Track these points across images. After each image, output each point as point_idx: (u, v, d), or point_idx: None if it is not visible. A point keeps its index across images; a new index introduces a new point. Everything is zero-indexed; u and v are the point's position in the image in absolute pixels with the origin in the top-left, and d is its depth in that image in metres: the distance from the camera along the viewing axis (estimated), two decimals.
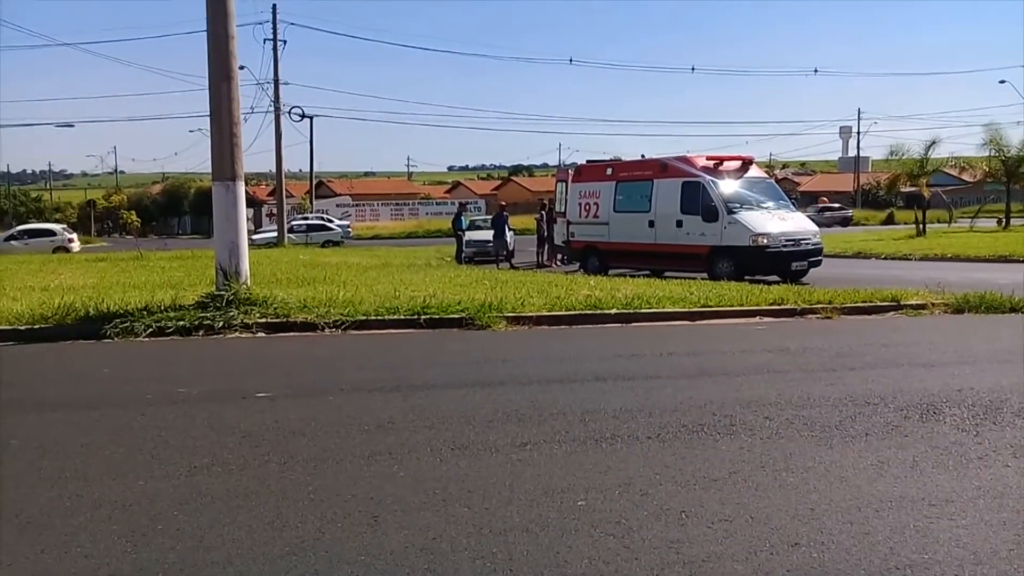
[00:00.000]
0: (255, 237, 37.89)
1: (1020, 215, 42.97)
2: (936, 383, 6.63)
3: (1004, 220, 39.95)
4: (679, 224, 17.85)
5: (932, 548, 3.50)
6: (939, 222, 41.48)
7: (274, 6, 37.90)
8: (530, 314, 10.28)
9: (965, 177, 54.49)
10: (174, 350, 8.87)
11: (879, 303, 11.42)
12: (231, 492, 4.28)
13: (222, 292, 10.18)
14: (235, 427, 5.51)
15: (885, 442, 5.05)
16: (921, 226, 33.80)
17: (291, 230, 39.65)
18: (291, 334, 9.57)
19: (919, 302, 11.42)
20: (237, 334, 9.48)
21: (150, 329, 9.35)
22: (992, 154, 40.15)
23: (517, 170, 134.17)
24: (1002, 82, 57.43)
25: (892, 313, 11.15)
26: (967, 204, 52.48)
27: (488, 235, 25.66)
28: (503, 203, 29.67)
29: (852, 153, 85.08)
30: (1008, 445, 4.96)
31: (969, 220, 42.03)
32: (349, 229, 45.20)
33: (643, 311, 10.69)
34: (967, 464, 4.61)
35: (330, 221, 45.35)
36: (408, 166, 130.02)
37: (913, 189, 37.50)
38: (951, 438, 5.11)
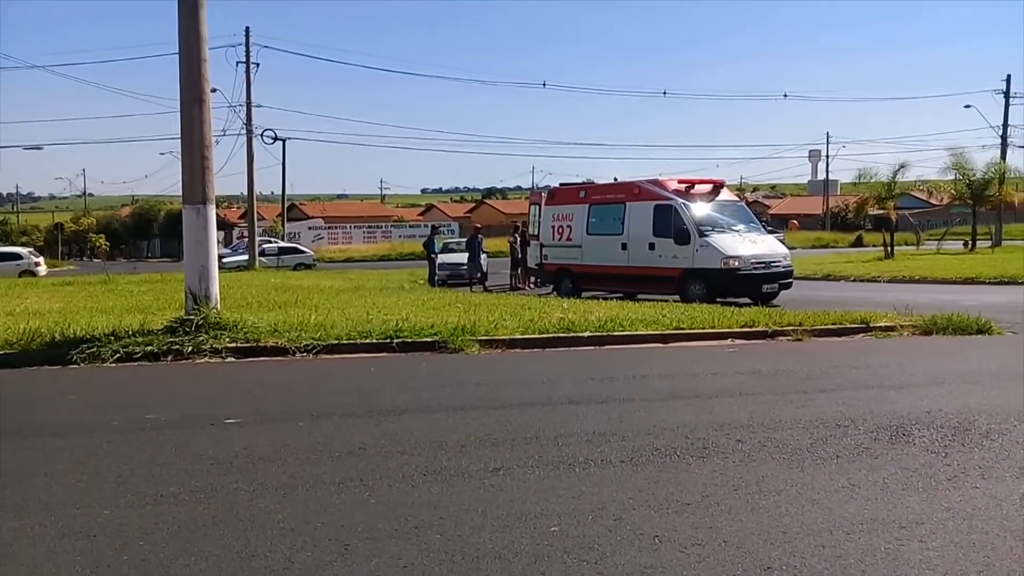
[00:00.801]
0: (226, 260, 37.60)
1: (986, 237, 43.67)
2: (905, 405, 6.69)
3: (970, 242, 40.64)
4: (651, 247, 17.95)
5: (903, 571, 3.51)
6: (907, 244, 42.06)
7: (247, 29, 37.95)
8: (503, 337, 10.26)
9: (932, 200, 55.45)
10: (142, 376, 8.75)
11: (849, 325, 11.54)
12: (199, 521, 4.21)
13: (191, 316, 10.07)
14: (203, 454, 5.43)
15: (856, 464, 5.08)
16: (889, 248, 34.28)
17: (263, 253, 39.40)
18: (262, 359, 9.47)
19: (888, 324, 11.55)
20: (207, 359, 9.37)
21: (117, 354, 9.21)
22: (957, 178, 40.92)
23: (491, 193, 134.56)
24: (967, 107, 58.61)
25: (862, 335, 11.27)
26: (934, 227, 53.23)
27: (461, 258, 25.64)
28: (477, 226, 29.72)
29: (821, 176, 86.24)
30: (976, 466, 5.01)
31: (936, 242, 42.67)
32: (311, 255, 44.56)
33: (616, 334, 10.72)
34: (936, 486, 4.65)
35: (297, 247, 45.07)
36: (381, 188, 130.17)
37: (881, 212, 38.04)
38: (920, 460, 5.15)
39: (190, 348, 9.38)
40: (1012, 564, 3.57)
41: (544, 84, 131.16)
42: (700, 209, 17.75)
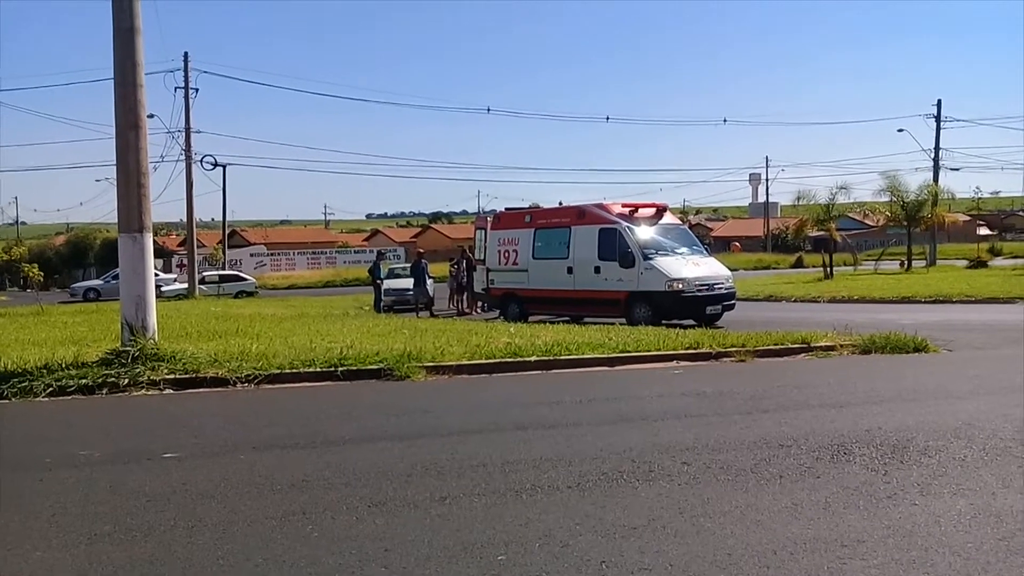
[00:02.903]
0: (164, 289, 36.84)
1: (921, 257, 44.96)
2: (846, 423, 6.80)
3: (906, 263, 41.81)
4: (597, 270, 18.09)
5: None
6: (845, 265, 43.08)
7: (185, 54, 37.46)
8: (450, 363, 10.20)
9: (868, 222, 56.92)
10: (75, 410, 8.47)
11: (790, 345, 11.73)
12: (134, 561, 4.07)
13: (128, 348, 9.81)
14: (139, 491, 5.26)
15: (798, 484, 5.13)
16: (828, 269, 35.06)
17: (202, 281, 38.69)
18: (201, 390, 9.25)
19: (828, 344, 11.77)
20: (144, 391, 9.11)
21: (50, 388, 8.92)
22: (892, 200, 42.13)
23: (436, 217, 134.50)
24: (900, 131, 60.36)
25: (803, 355, 11.46)
26: (871, 248, 54.69)
27: (407, 283, 25.50)
28: (422, 250, 29.62)
29: (762, 199, 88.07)
30: (915, 483, 5.10)
31: (873, 263, 43.80)
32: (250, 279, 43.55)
33: (563, 358, 10.73)
34: (877, 504, 4.72)
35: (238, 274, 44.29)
36: (325, 214, 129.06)
37: (820, 233, 38.93)
38: (861, 478, 5.23)
39: (126, 380, 9.13)
40: None
41: (488, 110, 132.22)
42: (644, 232, 17.96)
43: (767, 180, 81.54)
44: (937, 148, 49.50)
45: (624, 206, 18.70)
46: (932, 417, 7.04)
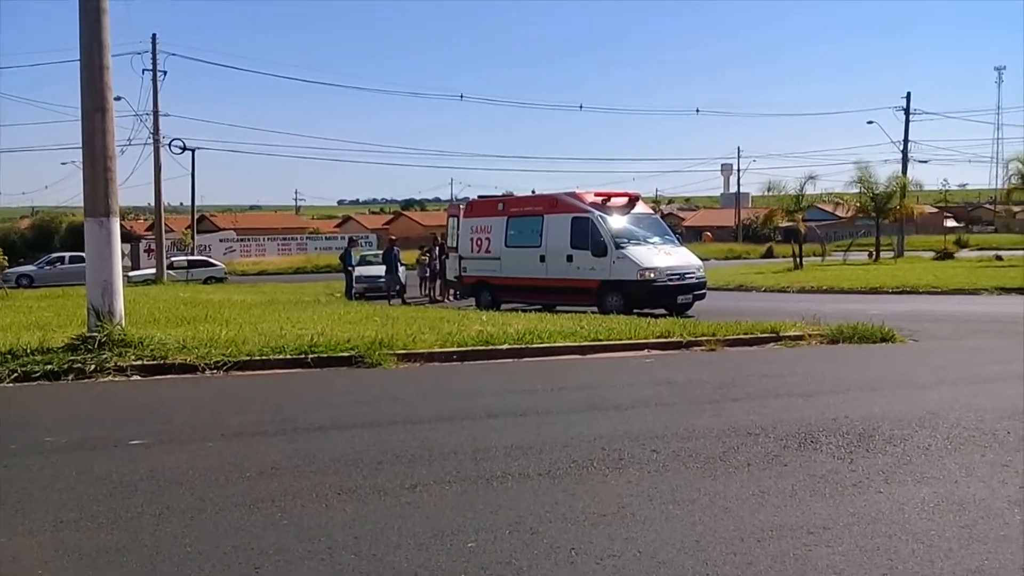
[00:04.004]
0: (132, 274, 36.38)
1: (889, 249, 45.52)
2: (813, 412, 6.89)
3: (874, 253, 42.31)
4: (569, 259, 18.12)
5: None
6: (814, 256, 43.48)
7: (154, 36, 36.86)
8: (422, 351, 10.18)
9: (838, 213, 57.49)
10: (41, 396, 8.35)
11: (759, 335, 11.84)
12: (101, 547, 4.04)
13: (94, 333, 9.69)
14: (106, 477, 5.21)
15: (766, 472, 5.19)
16: (798, 259, 35.39)
17: (171, 266, 38.23)
18: (169, 376, 9.15)
19: (797, 333, 11.90)
20: (110, 378, 9.01)
21: (15, 374, 8.78)
22: (862, 191, 42.59)
23: (409, 204, 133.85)
24: (870, 123, 61.22)
25: (772, 344, 11.58)
26: (840, 238, 55.10)
27: (379, 270, 25.38)
28: (394, 237, 29.50)
29: (733, 189, 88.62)
30: (880, 471, 5.18)
31: (842, 254, 44.26)
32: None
33: (535, 346, 10.76)
34: (842, 491, 4.79)
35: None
36: (296, 200, 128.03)
37: (790, 224, 39.25)
38: (827, 466, 5.30)
39: (93, 366, 9.02)
40: (914, 566, 3.69)
41: (462, 96, 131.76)
42: (617, 222, 18.02)
43: (739, 170, 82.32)
44: (906, 140, 50.13)
45: (597, 195, 18.72)
46: (897, 406, 7.15)
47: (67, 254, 43.00)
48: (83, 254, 10.35)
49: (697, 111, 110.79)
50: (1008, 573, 3.61)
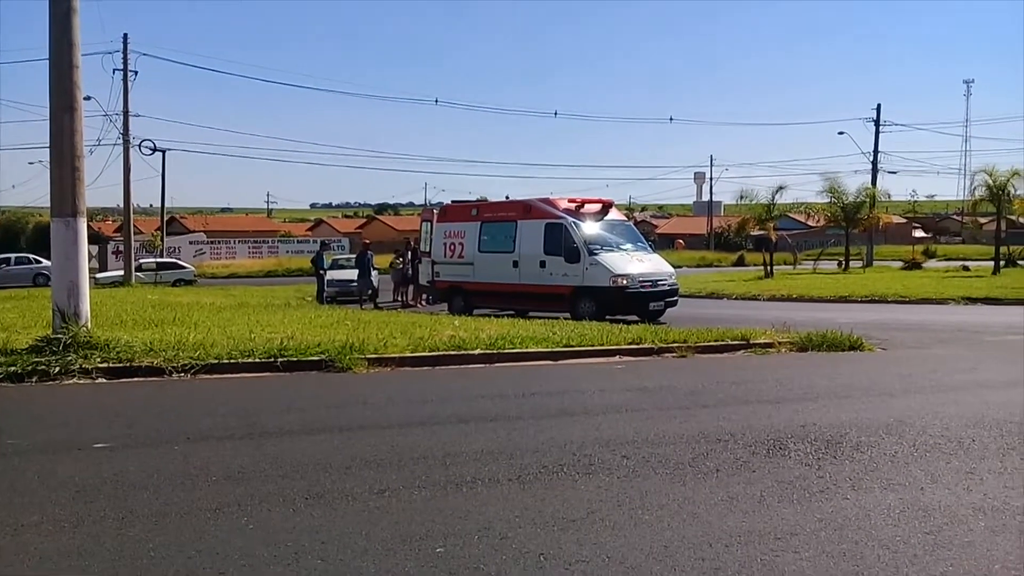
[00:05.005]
0: (100, 276, 35.88)
1: (858, 258, 46.04)
2: (782, 419, 6.93)
3: (844, 262, 42.79)
4: (542, 265, 18.14)
5: None
6: (785, 264, 43.91)
7: (125, 35, 36.40)
8: (393, 355, 10.12)
9: (809, 222, 58.07)
10: (3, 399, 8.19)
11: (730, 342, 11.92)
12: (62, 552, 3.97)
13: (59, 335, 9.54)
14: (69, 481, 5.12)
15: (735, 478, 5.21)
16: (769, 268, 35.69)
17: (139, 268, 37.73)
18: (135, 380, 9.02)
19: (767, 341, 11.98)
20: (75, 380, 8.86)
21: None
22: (831, 201, 43.08)
23: (382, 209, 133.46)
24: (841, 133, 61.85)
25: (742, 352, 11.65)
26: (810, 247, 55.75)
27: (351, 274, 25.24)
28: (367, 241, 29.37)
29: (706, 197, 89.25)
30: (847, 478, 5.22)
31: (812, 262, 44.70)
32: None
33: (507, 351, 10.74)
34: (810, 497, 4.82)
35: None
36: (268, 202, 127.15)
37: (761, 232, 39.60)
38: (795, 472, 5.34)
39: (57, 369, 8.87)
40: (879, 572, 3.72)
41: (436, 101, 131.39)
42: (590, 228, 18.08)
43: (711, 179, 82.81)
44: (876, 151, 50.72)
45: (570, 201, 18.78)
46: (865, 414, 7.21)
47: (12, 255, 42.44)
48: (29, 255, 10.20)
49: (671, 119, 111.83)
50: None
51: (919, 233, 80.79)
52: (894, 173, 74.54)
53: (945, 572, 3.71)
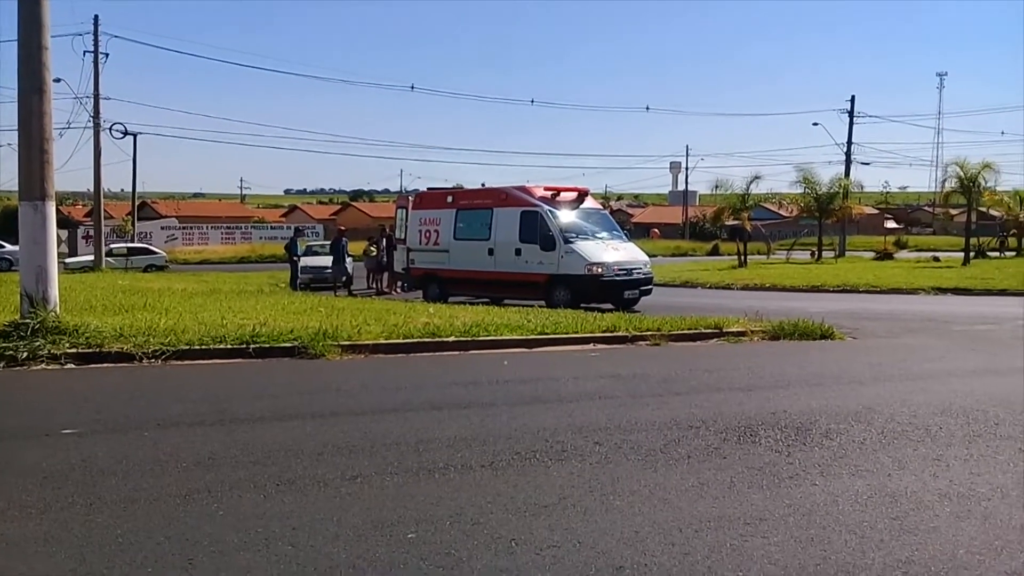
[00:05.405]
0: (69, 261, 35.41)
1: (830, 248, 46.46)
2: (753, 406, 6.99)
3: (817, 253, 43.18)
4: (518, 252, 18.13)
5: (747, 566, 3.64)
6: (759, 254, 44.20)
7: (96, 17, 35.83)
8: (367, 342, 10.08)
9: (782, 212, 58.53)
10: None
11: (703, 330, 11.99)
12: (29, 538, 3.93)
13: (27, 320, 9.40)
14: (36, 467, 5.05)
15: (706, 464, 5.25)
16: (743, 257, 35.92)
17: (110, 253, 37.27)
18: (105, 365, 8.92)
19: (739, 329, 12.07)
20: (43, 366, 8.75)
21: None
22: (805, 191, 43.42)
23: (357, 195, 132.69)
24: (815, 124, 62.33)
25: (715, 340, 11.73)
26: (784, 237, 56.14)
27: (325, 261, 25.10)
28: (343, 228, 29.19)
29: (681, 187, 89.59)
30: (816, 464, 5.28)
31: (785, 252, 45.06)
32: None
33: (482, 338, 10.73)
34: (779, 483, 4.87)
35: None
36: (241, 188, 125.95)
37: (736, 222, 39.82)
38: (766, 459, 5.39)
39: (25, 354, 8.75)
40: (847, 557, 3.76)
41: (412, 87, 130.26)
42: (566, 216, 18.09)
43: (687, 169, 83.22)
44: (849, 142, 51.22)
45: (546, 189, 18.77)
46: (835, 401, 7.29)
47: None
48: None
49: (647, 108, 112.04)
50: (937, 564, 3.70)
51: (891, 224, 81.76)
52: (867, 164, 75.27)
53: (911, 557, 3.77)
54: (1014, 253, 43.48)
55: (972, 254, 36.36)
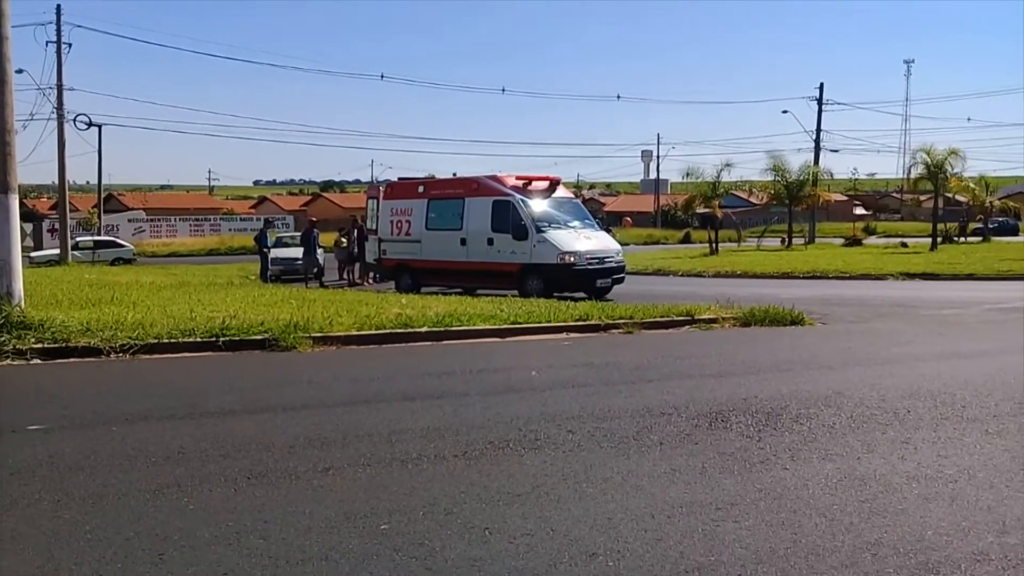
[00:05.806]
0: (34, 255, 34.87)
1: (800, 235, 46.92)
2: (724, 392, 7.04)
3: (787, 240, 43.58)
4: (490, 242, 18.10)
5: (718, 550, 3.67)
6: (730, 241, 44.55)
7: (58, 7, 35.20)
8: (338, 334, 10.02)
9: (753, 199, 58.99)
10: None
11: (675, 318, 12.05)
12: None
13: None
14: (3, 463, 4.97)
15: (678, 450, 5.28)
16: (714, 245, 36.21)
17: (76, 247, 36.71)
18: (72, 360, 8.78)
19: (711, 317, 12.15)
20: (8, 361, 8.59)
21: None
22: (775, 179, 43.80)
23: (328, 186, 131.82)
24: (784, 112, 62.62)
25: (687, 327, 11.80)
26: (754, 225, 56.62)
27: (296, 252, 24.92)
28: (313, 219, 29.00)
29: (653, 175, 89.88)
30: (786, 449, 5.33)
31: (756, 239, 45.47)
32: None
33: (454, 329, 10.71)
34: (750, 468, 4.91)
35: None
36: (210, 179, 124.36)
37: (707, 210, 40.11)
38: (737, 444, 5.43)
39: None
40: (816, 540, 3.80)
41: (382, 76, 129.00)
42: (538, 205, 18.07)
43: (658, 157, 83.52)
44: (819, 130, 51.64)
45: (518, 178, 18.73)
46: (805, 386, 7.37)
47: None
48: None
49: (618, 97, 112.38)
50: (905, 545, 3.75)
51: (860, 211, 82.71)
52: (836, 151, 76.09)
53: (879, 539, 3.82)
54: (980, 239, 44.18)
55: (939, 239, 36.90)
